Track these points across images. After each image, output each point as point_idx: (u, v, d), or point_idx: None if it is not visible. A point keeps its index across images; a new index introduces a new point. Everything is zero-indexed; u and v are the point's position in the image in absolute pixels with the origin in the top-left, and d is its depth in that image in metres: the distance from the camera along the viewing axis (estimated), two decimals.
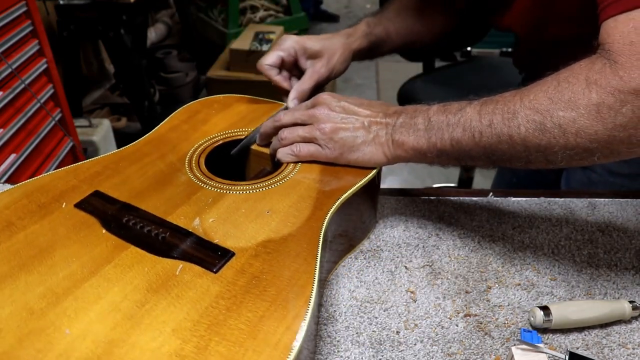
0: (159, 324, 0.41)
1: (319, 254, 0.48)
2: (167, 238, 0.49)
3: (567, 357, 0.48)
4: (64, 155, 1.50)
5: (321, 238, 0.50)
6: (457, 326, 0.54)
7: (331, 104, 0.60)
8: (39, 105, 1.37)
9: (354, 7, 4.22)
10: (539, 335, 0.52)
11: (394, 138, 0.58)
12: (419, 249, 0.63)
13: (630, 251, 0.64)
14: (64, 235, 0.49)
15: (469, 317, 0.55)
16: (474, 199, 0.71)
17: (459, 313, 0.55)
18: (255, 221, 0.52)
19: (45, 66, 1.41)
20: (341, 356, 0.51)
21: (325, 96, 0.62)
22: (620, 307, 0.54)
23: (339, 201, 0.55)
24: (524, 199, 0.71)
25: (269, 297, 0.43)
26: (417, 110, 0.58)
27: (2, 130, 1.24)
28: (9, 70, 1.25)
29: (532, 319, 0.53)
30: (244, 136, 0.67)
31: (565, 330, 0.53)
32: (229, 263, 0.46)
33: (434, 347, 0.52)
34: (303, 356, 0.42)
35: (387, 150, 0.58)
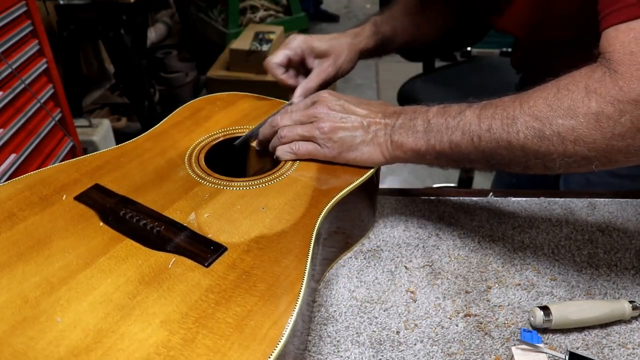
0: (148, 315, 0.41)
1: (310, 251, 0.48)
2: (162, 232, 0.50)
3: (567, 357, 0.48)
4: (64, 155, 1.50)
5: (314, 235, 0.50)
6: (457, 326, 0.54)
7: (331, 102, 0.61)
8: (39, 105, 1.37)
9: (354, 7, 4.22)
10: (539, 335, 0.52)
11: (393, 139, 0.58)
12: (419, 249, 0.63)
13: (630, 251, 0.64)
14: (62, 226, 0.51)
15: (469, 317, 0.55)
16: (474, 199, 0.71)
17: (459, 313, 0.55)
18: (249, 217, 0.52)
19: (45, 66, 1.41)
20: (341, 356, 0.51)
21: (325, 95, 0.62)
22: (620, 307, 0.54)
23: (334, 199, 0.55)
24: (524, 199, 0.71)
25: (258, 292, 0.43)
26: (417, 111, 0.58)
27: (2, 130, 1.24)
28: (9, 70, 1.25)
29: (532, 319, 0.53)
30: (245, 133, 0.67)
31: (565, 330, 0.53)
32: (221, 258, 0.47)
33: (434, 347, 0.52)
34: (289, 351, 0.42)
35: (385, 151, 0.58)
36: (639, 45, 0.46)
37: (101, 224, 0.51)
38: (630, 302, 0.54)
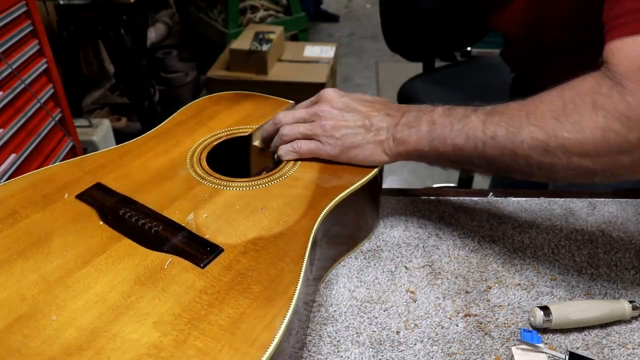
0: (141, 316, 0.41)
1: (307, 253, 0.48)
2: (160, 232, 0.50)
3: (567, 357, 0.48)
4: (64, 156, 1.50)
5: (311, 237, 0.50)
6: (457, 326, 0.54)
7: (333, 100, 0.61)
8: (39, 105, 1.37)
9: (354, 7, 4.22)
10: (539, 335, 0.52)
11: (396, 137, 0.58)
12: (419, 249, 0.63)
13: (630, 251, 0.64)
14: (62, 225, 0.51)
15: (469, 317, 0.55)
16: (474, 199, 0.71)
17: (459, 313, 0.55)
18: (248, 218, 0.52)
19: (45, 66, 1.41)
20: (341, 356, 0.51)
21: (329, 92, 0.62)
22: (620, 307, 0.54)
23: (334, 201, 0.55)
24: (524, 199, 0.71)
25: (252, 294, 0.43)
26: (421, 111, 0.58)
27: (2, 130, 1.24)
28: (9, 70, 1.25)
29: (532, 319, 0.53)
30: (248, 133, 0.67)
31: (565, 330, 0.53)
32: (217, 259, 0.47)
33: (434, 347, 0.52)
34: (284, 349, 0.42)
35: (387, 149, 0.58)
36: None
37: (100, 223, 0.51)
38: (630, 302, 0.54)
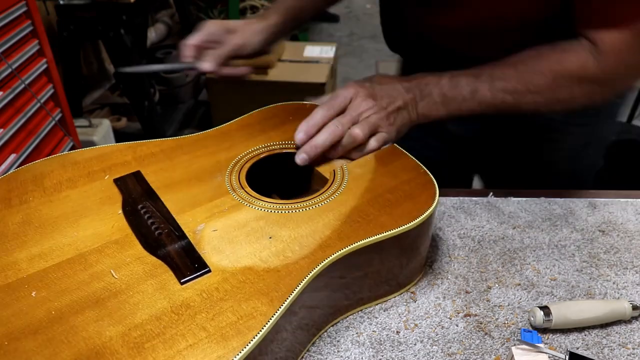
0: (105, 316, 0.42)
1: (290, 298, 0.44)
2: (162, 236, 0.50)
3: (567, 357, 0.48)
4: None
5: (304, 282, 0.45)
6: (457, 326, 0.54)
7: (365, 95, 0.62)
8: (39, 105, 1.37)
9: (354, 7, 4.22)
10: (539, 335, 0.52)
11: (419, 112, 0.64)
12: None
13: (630, 251, 0.64)
14: (90, 205, 0.53)
15: (469, 317, 0.55)
16: (474, 199, 0.71)
17: (459, 313, 0.55)
18: (251, 244, 0.49)
19: (45, 66, 1.41)
20: (341, 356, 0.51)
21: (356, 87, 0.63)
22: (620, 307, 0.54)
23: (349, 247, 0.49)
24: (524, 199, 0.71)
25: (211, 327, 0.41)
26: (428, 83, 0.64)
27: (2, 130, 1.24)
28: (9, 70, 1.25)
29: (532, 319, 0.53)
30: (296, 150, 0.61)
31: (565, 330, 0.53)
32: (199, 279, 0.45)
33: (434, 347, 0.52)
34: None
35: (414, 122, 0.64)
36: (630, 53, 0.59)
37: (119, 211, 0.53)
38: (630, 302, 0.54)
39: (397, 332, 0.53)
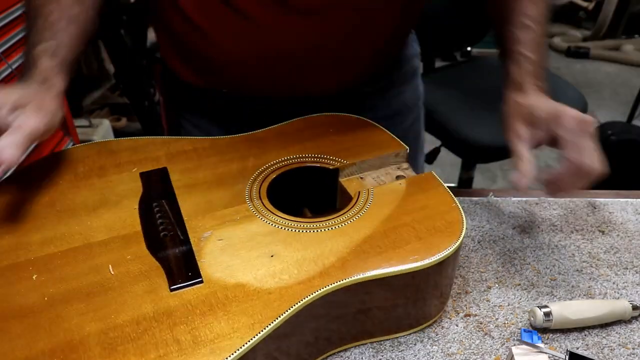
0: (90, 311, 0.42)
1: (271, 325, 0.41)
2: (167, 238, 0.49)
3: (567, 357, 0.48)
4: None
5: (291, 310, 0.43)
6: (457, 326, 0.54)
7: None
8: None
9: None
10: (539, 335, 0.52)
11: None
12: None
13: (630, 251, 0.64)
14: (111, 196, 0.54)
15: (469, 317, 0.55)
16: (474, 199, 0.71)
17: (459, 313, 0.55)
18: (252, 260, 0.47)
19: None
20: (341, 356, 0.51)
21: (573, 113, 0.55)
22: (620, 307, 0.54)
23: (349, 280, 0.45)
24: (524, 199, 0.71)
25: (185, 341, 0.40)
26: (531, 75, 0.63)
27: None
28: (9, 71, 1.25)
29: (532, 319, 0.53)
30: (330, 166, 0.59)
31: (565, 330, 0.53)
32: (189, 289, 0.44)
33: (434, 347, 0.52)
34: None
35: None
36: None
37: (135, 206, 0.53)
38: (630, 302, 0.54)
39: None
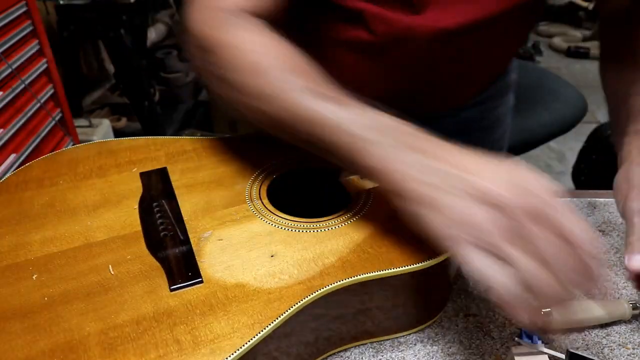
0: (90, 311, 0.42)
1: (271, 326, 0.41)
2: (167, 238, 0.49)
3: (567, 357, 0.48)
4: None
5: (291, 310, 0.43)
6: (457, 326, 0.54)
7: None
8: (39, 105, 1.37)
9: None
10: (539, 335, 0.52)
11: None
12: None
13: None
14: (111, 196, 0.54)
15: (469, 317, 0.55)
16: None
17: (459, 313, 0.55)
18: (251, 260, 0.47)
19: (45, 66, 1.41)
20: (341, 356, 0.51)
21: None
22: (620, 307, 0.54)
23: (350, 280, 0.45)
24: None
25: (185, 341, 0.40)
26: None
27: (2, 130, 1.24)
28: (9, 70, 1.25)
29: None
30: (331, 166, 0.56)
31: (565, 330, 0.53)
32: (189, 289, 0.44)
33: (434, 347, 0.52)
34: None
35: None
36: None
37: (135, 206, 0.53)
38: (630, 302, 0.54)
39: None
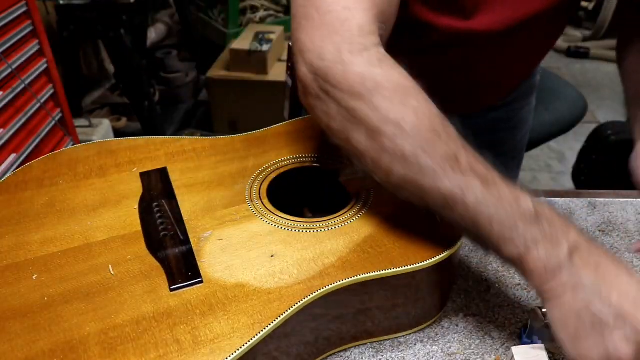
0: (90, 311, 0.42)
1: (271, 326, 0.41)
2: (167, 238, 0.49)
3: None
4: None
5: (291, 311, 0.43)
6: (457, 326, 0.54)
7: None
8: (39, 105, 1.37)
9: None
10: None
11: None
12: None
13: (631, 251, 0.64)
14: (111, 196, 0.54)
15: (469, 317, 0.55)
16: None
17: (458, 313, 0.55)
18: (251, 260, 0.47)
19: (45, 66, 1.41)
20: (341, 356, 0.51)
21: None
22: None
23: (349, 280, 0.45)
24: None
25: (185, 341, 0.40)
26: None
27: (2, 130, 1.24)
28: (9, 70, 1.25)
29: (532, 319, 0.53)
30: (331, 166, 0.59)
31: None
32: (189, 289, 0.44)
33: (434, 347, 0.52)
34: None
35: None
36: None
37: (135, 206, 0.53)
38: None
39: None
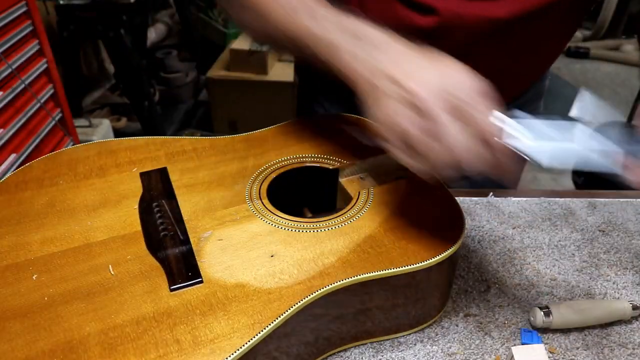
0: (90, 311, 0.42)
1: (270, 326, 0.41)
2: (167, 238, 0.49)
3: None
4: None
5: (291, 311, 0.42)
6: (457, 326, 0.54)
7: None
8: (39, 105, 1.37)
9: None
10: (539, 335, 0.52)
11: None
12: None
13: (630, 251, 0.64)
14: (111, 196, 0.54)
15: (469, 317, 0.55)
16: (474, 199, 0.71)
17: (459, 313, 0.55)
18: (251, 260, 0.47)
19: (45, 66, 1.41)
20: (341, 356, 0.51)
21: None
22: (620, 307, 0.54)
23: (349, 280, 0.45)
24: (524, 198, 0.71)
25: (185, 341, 0.40)
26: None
27: (2, 130, 1.24)
28: (9, 70, 1.25)
29: (532, 319, 0.53)
30: (330, 166, 0.58)
31: (565, 330, 0.53)
32: (189, 289, 0.44)
33: (434, 347, 0.52)
34: None
35: None
36: None
37: (135, 206, 0.53)
38: (630, 302, 0.54)
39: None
